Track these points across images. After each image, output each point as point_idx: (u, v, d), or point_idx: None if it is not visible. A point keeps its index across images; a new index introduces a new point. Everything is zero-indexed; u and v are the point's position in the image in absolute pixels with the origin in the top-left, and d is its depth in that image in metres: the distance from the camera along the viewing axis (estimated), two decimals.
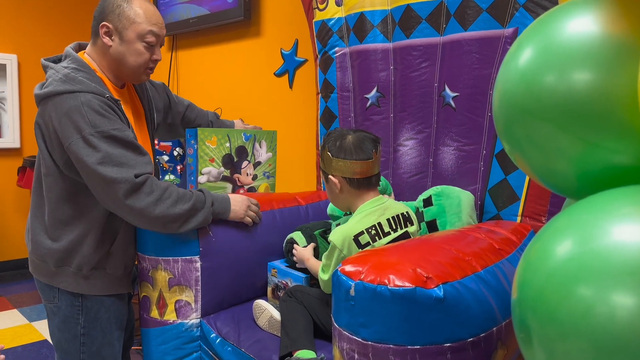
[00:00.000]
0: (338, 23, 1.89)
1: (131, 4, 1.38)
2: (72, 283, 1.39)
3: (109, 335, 1.45)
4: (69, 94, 1.30)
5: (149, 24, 1.39)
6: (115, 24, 1.37)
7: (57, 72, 1.35)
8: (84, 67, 1.37)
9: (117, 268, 1.44)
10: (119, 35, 1.38)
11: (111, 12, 1.37)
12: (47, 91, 1.32)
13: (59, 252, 1.37)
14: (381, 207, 1.33)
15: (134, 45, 1.39)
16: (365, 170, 1.32)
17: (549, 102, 0.67)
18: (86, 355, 1.43)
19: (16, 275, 3.67)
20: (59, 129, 1.30)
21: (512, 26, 1.45)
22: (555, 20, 0.71)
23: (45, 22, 3.81)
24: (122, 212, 1.33)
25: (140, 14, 1.38)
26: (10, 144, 3.65)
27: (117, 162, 1.28)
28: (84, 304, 1.41)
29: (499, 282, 1.02)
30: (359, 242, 1.26)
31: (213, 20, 2.75)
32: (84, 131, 1.27)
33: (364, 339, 0.91)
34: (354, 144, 1.32)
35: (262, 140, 1.87)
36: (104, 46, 1.40)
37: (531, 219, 1.43)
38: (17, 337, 2.61)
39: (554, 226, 0.65)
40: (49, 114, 1.32)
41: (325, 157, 1.35)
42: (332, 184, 1.35)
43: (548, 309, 0.58)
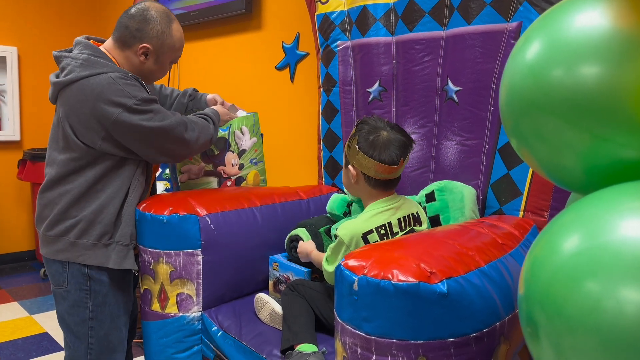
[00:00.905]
0: (340, 16, 1.88)
1: (171, 31, 1.51)
2: (90, 256, 1.44)
3: (116, 320, 1.50)
4: (94, 76, 1.37)
5: (181, 49, 1.57)
6: (155, 48, 1.49)
7: (75, 58, 1.41)
8: (100, 54, 1.44)
9: (124, 236, 1.47)
10: (155, 58, 1.51)
11: (155, 37, 1.48)
12: (71, 77, 1.38)
13: (83, 221, 1.43)
14: (394, 206, 1.32)
15: (164, 66, 1.55)
16: (387, 173, 1.29)
17: (557, 96, 0.66)
18: (94, 340, 1.47)
19: (16, 267, 3.67)
20: (94, 109, 1.37)
21: (516, 20, 1.44)
22: (563, 14, 0.70)
23: (46, 15, 3.79)
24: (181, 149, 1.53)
25: (177, 41, 1.53)
26: (10, 137, 3.64)
27: (163, 115, 1.45)
28: (92, 288, 1.46)
29: (502, 277, 1.02)
30: (367, 241, 1.25)
31: (214, 13, 2.73)
32: (127, 103, 1.37)
33: (367, 333, 0.91)
34: (384, 143, 1.27)
35: (243, 126, 1.82)
36: (135, 60, 1.50)
37: (533, 214, 1.43)
38: (18, 329, 2.61)
39: (561, 221, 0.65)
40: (76, 98, 1.38)
41: (352, 146, 1.31)
42: (349, 172, 1.34)
43: (556, 303, 0.58)
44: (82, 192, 1.43)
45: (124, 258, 1.47)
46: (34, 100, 3.75)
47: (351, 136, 1.34)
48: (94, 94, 1.36)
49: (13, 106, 3.63)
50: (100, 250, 1.44)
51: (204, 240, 1.47)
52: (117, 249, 1.46)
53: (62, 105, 1.42)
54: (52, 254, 1.47)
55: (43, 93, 3.79)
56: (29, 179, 3.33)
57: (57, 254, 1.46)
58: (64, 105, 1.41)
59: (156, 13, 1.48)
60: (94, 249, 1.44)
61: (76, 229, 1.43)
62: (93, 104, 1.36)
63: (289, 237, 1.62)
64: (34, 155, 3.32)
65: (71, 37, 4.23)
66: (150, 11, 1.48)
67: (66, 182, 1.44)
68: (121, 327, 1.51)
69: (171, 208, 1.45)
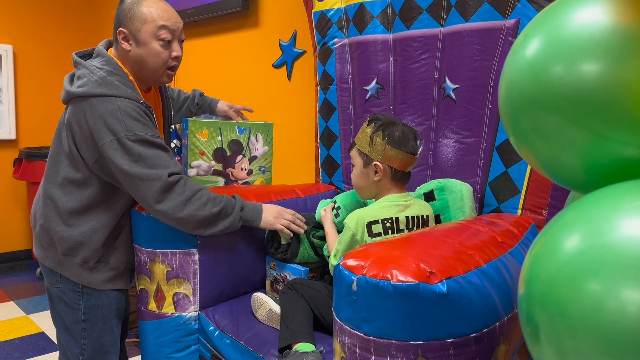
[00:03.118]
0: (337, 14, 1.87)
1: (140, 6, 1.39)
2: (75, 274, 1.42)
3: (109, 321, 1.49)
4: (105, 97, 1.33)
5: (161, 20, 1.39)
6: (129, 27, 1.39)
7: (92, 73, 1.37)
8: (118, 71, 1.39)
9: (120, 262, 1.47)
10: (134, 39, 1.40)
11: (124, 17, 1.40)
12: (83, 91, 1.34)
13: (70, 240, 1.40)
14: (404, 204, 1.33)
15: (150, 46, 1.39)
16: (409, 164, 1.34)
17: (557, 93, 0.65)
18: (87, 341, 1.46)
19: (13, 267, 3.65)
20: (93, 129, 1.33)
21: (514, 17, 1.43)
22: (563, 10, 0.69)
23: (41, 13, 3.76)
24: (152, 211, 1.36)
25: (150, 13, 1.38)
26: (6, 136, 3.62)
27: (151, 163, 1.32)
28: (84, 290, 1.45)
29: (502, 276, 1.01)
30: (371, 230, 1.26)
31: (211, 11, 2.71)
32: (119, 134, 1.31)
33: (365, 333, 0.90)
34: (405, 135, 1.33)
35: (258, 134, 1.83)
36: (124, 52, 1.41)
37: (532, 212, 1.42)
38: (14, 329, 2.59)
39: (562, 220, 0.64)
40: (83, 113, 1.35)
41: (377, 142, 1.32)
42: (371, 170, 1.34)
43: (557, 303, 0.57)
44: (73, 208, 1.39)
45: (116, 280, 1.47)
46: (30, 99, 3.73)
47: (371, 134, 1.33)
48: (98, 114, 1.33)
49: (9, 105, 3.61)
50: (85, 272, 1.42)
51: (201, 239, 1.46)
52: (108, 273, 1.45)
53: (70, 115, 1.39)
54: (42, 258, 1.46)
55: (39, 91, 3.77)
56: (25, 177, 3.31)
57: (46, 259, 1.45)
58: (72, 115, 1.38)
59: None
60: (79, 268, 1.42)
61: (63, 247, 1.41)
62: (94, 123, 1.33)
63: (269, 230, 1.57)
64: (29, 154, 3.30)
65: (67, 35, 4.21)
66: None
67: (62, 192, 1.40)
68: (114, 328, 1.50)
69: None
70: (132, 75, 1.44)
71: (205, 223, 1.37)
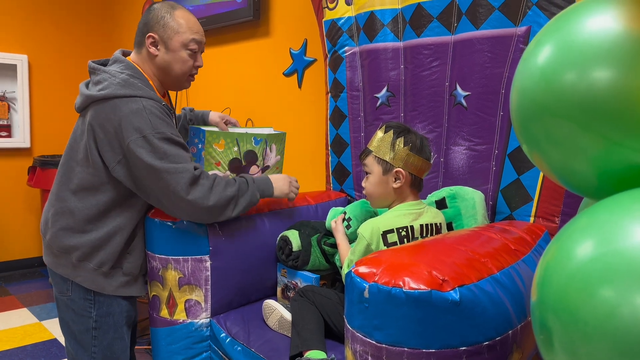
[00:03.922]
0: (348, 22, 1.88)
1: (174, 16, 1.47)
2: (89, 280, 1.43)
3: (120, 329, 1.49)
4: (129, 97, 1.37)
5: (191, 32, 1.48)
6: (160, 34, 1.46)
7: (114, 76, 1.41)
8: (138, 75, 1.44)
9: (134, 268, 1.48)
10: (164, 45, 1.47)
11: (156, 24, 1.46)
12: (106, 93, 1.38)
13: (87, 245, 1.41)
14: (417, 212, 1.33)
15: (178, 54, 1.48)
16: (426, 170, 1.37)
17: (569, 100, 0.65)
18: (98, 349, 1.46)
19: (26, 274, 3.69)
20: (118, 129, 1.36)
21: (525, 25, 1.43)
22: (575, 18, 0.69)
23: (55, 23, 3.83)
24: (181, 204, 1.38)
25: (183, 24, 1.47)
26: (20, 144, 3.67)
27: (175, 160, 1.37)
28: (96, 298, 1.45)
29: (515, 284, 1.01)
30: (386, 239, 1.25)
31: (222, 21, 2.74)
32: (145, 131, 1.35)
33: (377, 341, 0.90)
34: (422, 142, 1.36)
35: (273, 144, 1.84)
36: (150, 56, 1.48)
37: (544, 220, 1.41)
38: (27, 335, 2.62)
39: (574, 226, 0.64)
40: (106, 115, 1.37)
41: (399, 149, 1.33)
42: (391, 176, 1.34)
43: (570, 310, 0.57)
44: (93, 215, 1.41)
45: (130, 286, 1.48)
46: (44, 108, 3.79)
47: (392, 141, 1.34)
48: (123, 114, 1.35)
49: (23, 114, 3.67)
50: (99, 277, 1.43)
51: (212, 246, 1.47)
52: (122, 279, 1.46)
53: (91, 119, 1.40)
54: (53, 266, 1.46)
55: (53, 100, 3.82)
56: (39, 185, 3.35)
57: (58, 267, 1.45)
58: (94, 118, 1.39)
59: (158, 4, 1.50)
60: (93, 273, 1.43)
61: (79, 252, 1.42)
62: (119, 123, 1.35)
63: (281, 237, 1.60)
64: (43, 162, 3.34)
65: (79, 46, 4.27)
66: (153, 4, 1.51)
67: (79, 199, 1.42)
68: (124, 336, 1.50)
69: None
70: (154, 79, 1.51)
71: (229, 204, 1.43)
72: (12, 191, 3.68)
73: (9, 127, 3.65)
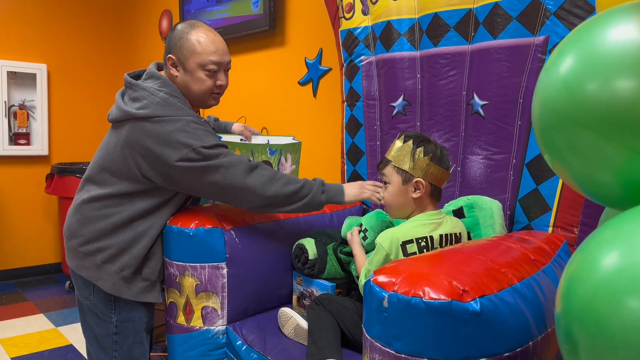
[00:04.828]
0: (364, 32, 1.89)
1: (189, 36, 1.46)
2: (109, 282, 1.45)
3: (139, 334, 1.52)
4: (171, 117, 1.39)
5: (208, 53, 1.46)
6: (178, 55, 1.47)
7: (152, 94, 1.42)
8: (176, 93, 1.46)
9: (152, 273, 1.50)
10: (182, 66, 1.47)
11: (174, 45, 1.47)
12: (147, 113, 1.40)
13: (113, 247, 1.44)
14: (436, 222, 1.32)
15: (196, 74, 1.47)
16: (445, 180, 1.36)
17: (593, 110, 0.65)
18: (118, 353, 1.49)
19: (43, 280, 3.73)
20: (161, 147, 1.38)
21: (543, 34, 1.43)
22: (597, 28, 0.69)
23: (74, 33, 3.90)
24: (242, 188, 1.41)
25: (198, 45, 1.45)
26: (39, 152, 3.73)
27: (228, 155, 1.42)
28: (116, 304, 1.48)
29: (535, 295, 1.00)
30: (406, 250, 1.24)
31: (239, 30, 2.77)
32: (194, 144, 1.38)
33: (397, 351, 0.90)
34: (442, 151, 1.35)
35: (288, 154, 1.85)
36: (172, 76, 1.50)
37: (563, 230, 1.40)
38: (44, 341, 2.64)
39: (599, 237, 0.64)
40: (148, 133, 1.39)
41: (419, 158, 1.32)
42: (411, 186, 1.33)
43: (597, 321, 0.56)
44: (125, 220, 1.45)
45: (148, 292, 1.50)
46: (62, 116, 3.85)
47: (411, 151, 1.33)
48: (166, 132, 1.38)
49: (42, 122, 3.73)
50: (119, 282, 1.45)
51: (229, 253, 1.48)
52: (140, 284, 1.48)
53: (130, 135, 1.42)
54: (77, 269, 1.49)
55: (71, 109, 3.88)
56: (57, 192, 3.40)
57: (81, 269, 1.48)
58: (133, 135, 1.41)
59: (181, 24, 1.50)
60: (115, 277, 1.45)
61: (105, 253, 1.45)
62: (163, 143, 1.38)
63: (297, 245, 1.60)
64: (61, 169, 3.39)
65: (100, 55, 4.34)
66: (177, 25, 1.51)
67: (113, 205, 1.45)
68: (144, 341, 1.53)
69: (197, 221, 1.47)
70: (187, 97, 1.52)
71: (288, 200, 1.44)
72: (30, 198, 3.74)
73: (28, 135, 3.71)
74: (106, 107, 3.93)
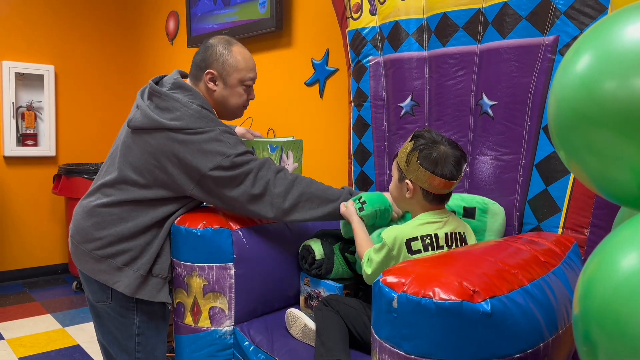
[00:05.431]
0: (372, 32, 1.89)
1: (232, 53, 1.55)
2: (124, 284, 1.45)
3: (162, 333, 1.54)
4: (204, 129, 1.43)
5: (248, 70, 1.57)
6: (219, 71, 1.53)
7: (186, 106, 1.46)
8: (207, 106, 1.50)
9: (162, 270, 1.50)
10: (223, 81, 1.55)
11: (215, 61, 1.53)
12: (182, 125, 1.43)
13: (135, 249, 1.46)
14: (441, 221, 1.29)
15: (236, 89, 1.56)
16: (444, 188, 1.28)
17: (611, 109, 0.64)
18: (141, 354, 1.51)
19: (50, 280, 3.75)
20: (195, 157, 1.42)
21: (553, 34, 1.42)
22: (614, 25, 0.68)
23: (81, 35, 3.91)
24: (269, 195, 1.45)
25: (240, 62, 1.55)
26: (46, 152, 3.74)
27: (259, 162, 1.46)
28: (138, 303, 1.49)
29: (546, 296, 0.99)
30: (410, 247, 1.23)
31: (245, 31, 2.78)
32: (228, 152, 1.42)
33: (406, 352, 0.89)
34: (444, 157, 1.25)
35: (289, 151, 1.84)
36: (207, 90, 1.55)
37: (573, 231, 1.39)
38: (51, 341, 2.65)
39: (617, 238, 0.63)
40: (181, 144, 1.42)
41: (411, 160, 1.28)
42: (405, 186, 1.32)
43: (617, 323, 0.55)
44: (147, 224, 1.47)
45: (159, 291, 1.50)
46: (69, 117, 3.87)
47: (409, 151, 1.29)
48: (199, 143, 1.41)
49: (50, 123, 3.74)
50: (135, 282, 1.46)
51: (237, 254, 1.48)
52: (152, 281, 1.49)
53: (163, 145, 1.43)
54: (92, 273, 1.47)
55: (78, 110, 3.90)
56: (64, 193, 3.41)
57: (97, 273, 1.46)
58: (166, 145, 1.43)
59: (215, 40, 1.56)
60: (131, 277, 1.46)
61: (127, 255, 1.46)
62: (196, 152, 1.41)
63: (303, 246, 1.60)
64: (68, 170, 3.40)
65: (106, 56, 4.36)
66: (210, 40, 1.57)
67: (136, 210, 1.46)
68: (165, 340, 1.56)
69: (205, 222, 1.47)
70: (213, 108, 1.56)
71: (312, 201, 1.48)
72: (37, 199, 3.76)
73: (35, 135, 3.73)
74: (113, 108, 3.96)
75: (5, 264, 3.66)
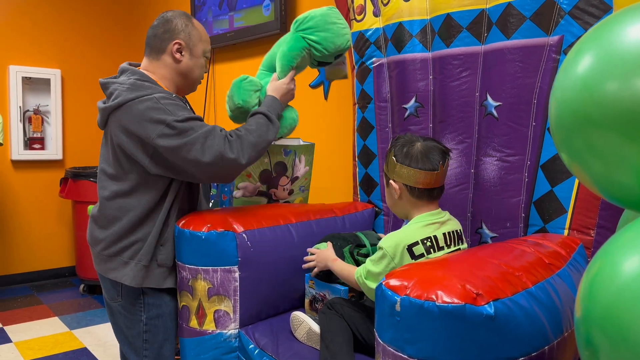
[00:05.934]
0: (376, 34, 1.88)
1: (194, 25, 1.59)
2: (130, 275, 1.47)
3: (169, 331, 1.55)
4: (140, 98, 1.43)
5: (208, 42, 1.62)
6: (186, 41, 1.55)
7: (122, 84, 1.48)
8: (146, 79, 1.50)
9: (167, 259, 1.51)
10: (189, 51, 1.56)
11: (181, 31, 1.55)
12: (118, 101, 1.44)
13: (139, 242, 1.48)
14: (439, 221, 1.30)
15: (199, 60, 1.59)
16: (429, 181, 1.29)
17: (613, 110, 0.63)
18: (149, 352, 1.53)
19: (57, 283, 3.76)
20: (139, 128, 1.40)
21: (557, 34, 1.41)
22: (616, 26, 0.67)
23: (88, 39, 3.94)
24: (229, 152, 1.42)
25: (203, 33, 1.60)
26: (53, 156, 3.77)
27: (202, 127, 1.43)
28: (145, 301, 1.51)
29: (551, 299, 0.98)
30: (413, 253, 1.23)
31: (250, 34, 2.78)
32: (167, 119, 1.39)
33: (409, 355, 0.88)
34: (421, 152, 1.30)
35: (302, 155, 1.85)
36: (172, 62, 1.55)
37: (579, 233, 1.38)
38: (58, 344, 2.66)
39: (620, 240, 0.62)
40: (125, 120, 1.43)
41: (390, 161, 1.33)
42: (392, 188, 1.33)
43: (619, 327, 0.55)
44: (140, 217, 1.48)
45: (165, 279, 1.52)
46: (76, 121, 3.89)
47: (387, 153, 1.36)
48: (139, 113, 1.41)
49: (56, 126, 3.77)
50: (140, 272, 1.48)
51: (241, 256, 1.48)
52: (157, 271, 1.50)
53: (113, 128, 1.47)
54: (105, 272, 1.52)
55: (85, 114, 3.92)
56: (70, 196, 3.43)
57: (108, 272, 1.51)
58: (115, 127, 1.46)
59: (174, 13, 1.59)
60: (135, 269, 1.48)
61: (131, 250, 1.48)
62: (139, 124, 1.41)
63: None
64: (75, 173, 3.42)
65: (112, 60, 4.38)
66: (168, 14, 1.59)
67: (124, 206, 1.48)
68: (172, 339, 1.56)
69: (209, 225, 1.47)
70: (170, 85, 1.57)
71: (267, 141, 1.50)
72: (44, 202, 3.78)
73: (42, 139, 3.75)
74: None
75: (13, 267, 3.69)
